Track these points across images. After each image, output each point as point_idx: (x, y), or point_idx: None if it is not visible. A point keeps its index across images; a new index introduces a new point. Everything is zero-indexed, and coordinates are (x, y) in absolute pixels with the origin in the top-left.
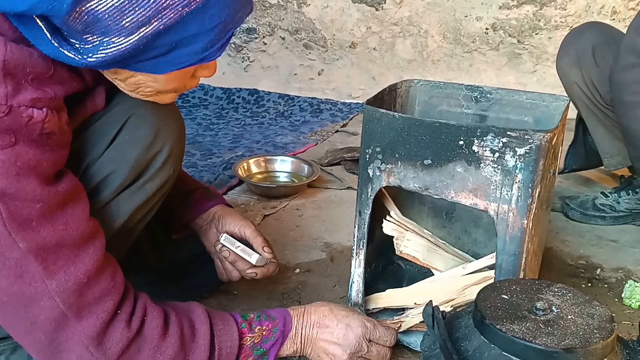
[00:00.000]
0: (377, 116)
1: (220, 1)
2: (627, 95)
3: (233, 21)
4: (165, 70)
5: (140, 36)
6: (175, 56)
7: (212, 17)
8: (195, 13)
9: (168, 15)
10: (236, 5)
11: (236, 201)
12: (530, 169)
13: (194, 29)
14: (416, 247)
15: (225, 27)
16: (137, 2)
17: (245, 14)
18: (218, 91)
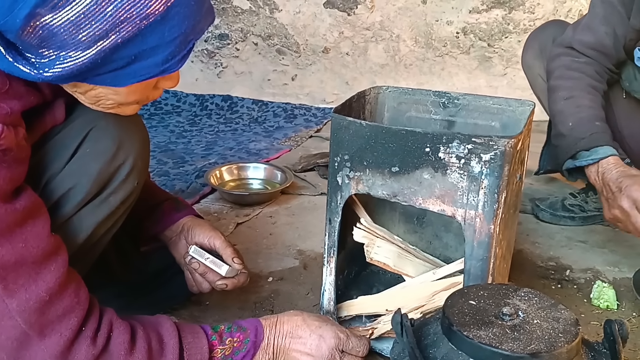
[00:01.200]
0: (344, 124)
1: (179, 13)
2: (551, 80)
3: (194, 32)
4: (126, 83)
5: (97, 50)
6: (135, 69)
7: (171, 29)
8: (154, 26)
9: (126, 28)
10: (196, 17)
11: (209, 209)
12: (496, 175)
13: (154, 41)
14: (387, 253)
15: (186, 39)
16: (94, 16)
17: (207, 24)
18: (191, 98)
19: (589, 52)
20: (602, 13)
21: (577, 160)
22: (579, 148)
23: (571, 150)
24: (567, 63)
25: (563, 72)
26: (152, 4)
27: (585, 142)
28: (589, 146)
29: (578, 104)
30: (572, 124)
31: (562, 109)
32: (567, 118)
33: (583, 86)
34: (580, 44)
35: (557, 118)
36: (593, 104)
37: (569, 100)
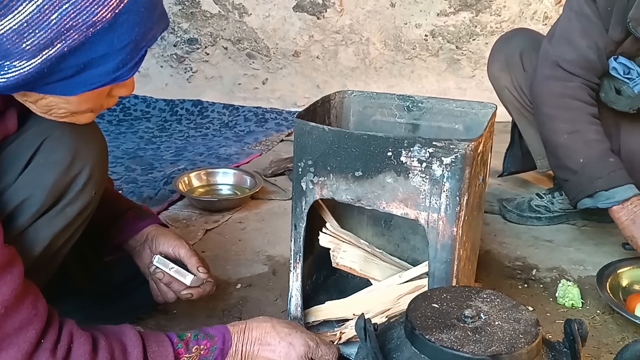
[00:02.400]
0: (307, 130)
1: (128, 20)
2: (545, 107)
3: (145, 39)
4: (76, 92)
5: (43, 59)
6: (85, 77)
7: (121, 36)
8: (102, 33)
9: (72, 37)
10: (147, 23)
11: (178, 216)
12: (457, 178)
13: (103, 49)
14: (353, 258)
15: (137, 46)
16: (37, 25)
17: (160, 30)
18: (161, 103)
19: (576, 70)
20: (580, 27)
21: (597, 201)
22: (598, 188)
23: (588, 190)
24: (560, 90)
25: (559, 102)
26: (98, 11)
27: (602, 182)
28: (608, 186)
29: (586, 139)
30: (584, 161)
31: (568, 143)
32: (576, 154)
33: (585, 117)
34: (566, 62)
35: (561, 151)
36: (599, 136)
37: (574, 135)
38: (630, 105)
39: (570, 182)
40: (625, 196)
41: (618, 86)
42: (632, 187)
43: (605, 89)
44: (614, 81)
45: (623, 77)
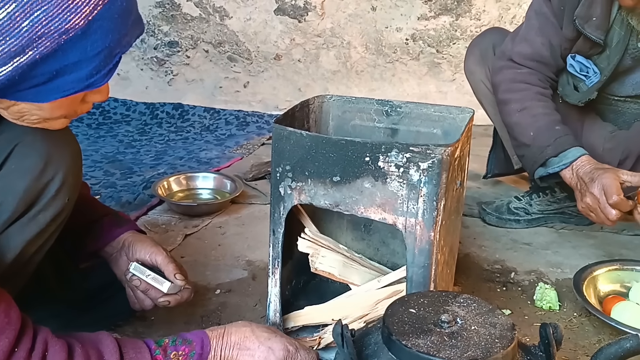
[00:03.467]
0: (285, 135)
1: (102, 27)
2: (499, 93)
3: (119, 45)
4: (49, 99)
5: (14, 66)
6: (58, 84)
7: (94, 43)
8: (75, 40)
9: (44, 44)
10: (121, 30)
11: (157, 221)
12: (434, 183)
13: (75, 56)
14: (331, 263)
15: (111, 53)
16: (8, 32)
17: (134, 36)
18: (141, 106)
19: (529, 63)
20: (537, 25)
21: (549, 167)
22: (547, 156)
23: (540, 159)
24: (511, 76)
25: (510, 86)
26: (71, 18)
27: (551, 149)
28: (556, 152)
29: (533, 113)
30: (534, 134)
31: (519, 120)
32: (526, 129)
33: (532, 95)
34: (520, 56)
35: (515, 130)
36: (547, 110)
37: (523, 112)
38: (580, 98)
39: (526, 157)
40: (572, 158)
41: (576, 83)
42: (579, 148)
43: (563, 83)
44: (573, 78)
45: (579, 74)
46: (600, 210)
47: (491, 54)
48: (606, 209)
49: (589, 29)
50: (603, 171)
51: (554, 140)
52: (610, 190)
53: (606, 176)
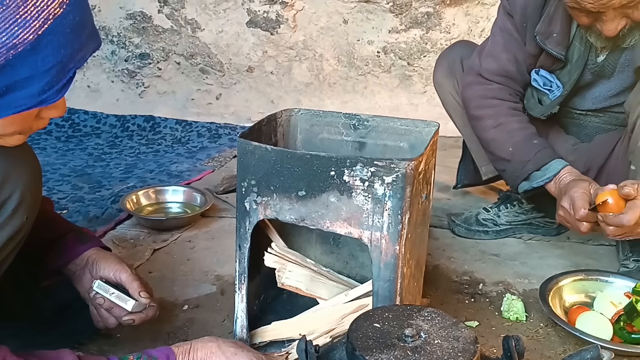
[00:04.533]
0: (250, 149)
1: (53, 42)
2: (471, 110)
3: (73, 60)
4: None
5: None
6: (9, 100)
7: (45, 58)
8: (24, 55)
9: None
10: (75, 44)
11: (125, 236)
12: (399, 196)
13: (26, 71)
14: (298, 277)
15: (64, 68)
16: None
17: (90, 51)
18: (112, 119)
19: (497, 78)
20: (502, 41)
21: (532, 181)
22: (529, 170)
23: (522, 174)
24: (482, 92)
25: (482, 102)
26: (19, 33)
27: (532, 163)
28: (538, 166)
29: (509, 129)
30: (512, 149)
31: (495, 136)
32: (504, 144)
33: (506, 111)
34: (488, 71)
35: (492, 145)
36: (522, 124)
37: (498, 128)
38: (543, 112)
39: (507, 171)
40: (555, 171)
41: (540, 97)
42: (560, 160)
43: (528, 96)
44: (537, 92)
45: (543, 88)
46: (572, 222)
47: (459, 66)
48: (576, 222)
49: (550, 45)
50: (574, 184)
51: (534, 155)
52: (577, 204)
53: (575, 190)
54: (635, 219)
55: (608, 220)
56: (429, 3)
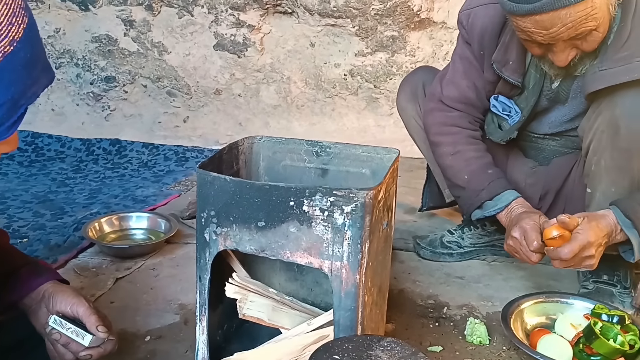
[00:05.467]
0: (209, 180)
1: (3, 79)
2: (431, 136)
3: (24, 97)
4: None
5: None
6: None
7: None
8: None
9: None
10: (26, 81)
11: (87, 265)
12: (358, 226)
13: None
14: (260, 308)
15: (15, 104)
16: None
17: (42, 86)
18: (76, 142)
19: (458, 105)
20: (461, 68)
21: (485, 210)
22: (483, 199)
23: (475, 202)
24: (442, 119)
25: (441, 129)
26: None
27: (485, 192)
28: (490, 196)
29: (465, 157)
30: (467, 177)
31: (452, 163)
32: (460, 172)
33: (464, 139)
34: (448, 98)
35: (449, 172)
36: (478, 153)
37: (456, 155)
38: (502, 137)
39: (462, 198)
40: (506, 202)
41: (500, 122)
42: (512, 191)
43: (488, 122)
44: (497, 117)
45: (502, 114)
46: (523, 253)
47: (421, 92)
48: (527, 253)
49: (507, 72)
50: (526, 215)
51: (487, 184)
52: (530, 236)
53: (527, 221)
54: (573, 251)
55: (550, 253)
56: (394, 27)
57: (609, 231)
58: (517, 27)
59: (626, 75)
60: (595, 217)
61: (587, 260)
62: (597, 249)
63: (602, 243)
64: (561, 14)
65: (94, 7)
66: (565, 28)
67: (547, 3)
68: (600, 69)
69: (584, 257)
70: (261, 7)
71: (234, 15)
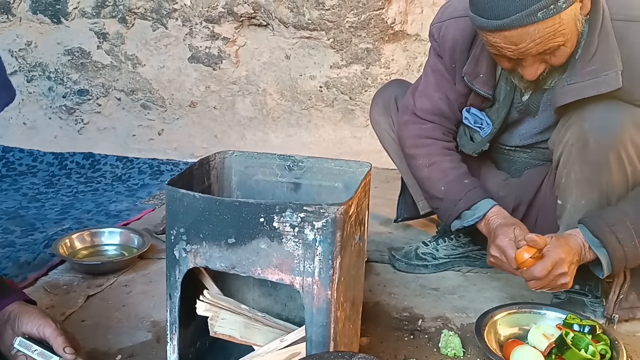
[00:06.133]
0: (178, 197)
1: None
2: (406, 148)
3: None
4: None
5: None
6: None
7: None
8: None
9: None
10: None
11: (58, 282)
12: (329, 241)
13: None
14: (232, 325)
15: None
16: None
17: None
18: (49, 157)
19: (431, 117)
20: (434, 81)
21: (464, 220)
22: (460, 209)
23: (454, 212)
24: (416, 132)
25: (416, 141)
26: None
27: (463, 202)
28: (468, 205)
29: (442, 168)
30: (445, 188)
31: (429, 175)
32: (437, 183)
33: (439, 150)
34: (422, 110)
35: (426, 184)
36: (454, 163)
37: (432, 167)
38: (474, 149)
39: (440, 209)
40: (484, 210)
41: (472, 134)
42: (489, 200)
43: (460, 134)
44: (469, 129)
45: (474, 126)
46: (506, 268)
47: (394, 105)
48: (510, 269)
49: (477, 85)
50: (501, 231)
51: (464, 194)
52: (509, 255)
53: (501, 238)
54: (546, 268)
55: (524, 275)
56: (369, 39)
57: (578, 250)
58: (487, 42)
59: (594, 89)
60: (564, 236)
61: (561, 278)
62: (570, 267)
63: (573, 261)
64: (530, 30)
65: (67, 19)
66: (534, 44)
67: (516, 19)
68: (568, 82)
69: (558, 274)
70: (236, 20)
71: (208, 28)
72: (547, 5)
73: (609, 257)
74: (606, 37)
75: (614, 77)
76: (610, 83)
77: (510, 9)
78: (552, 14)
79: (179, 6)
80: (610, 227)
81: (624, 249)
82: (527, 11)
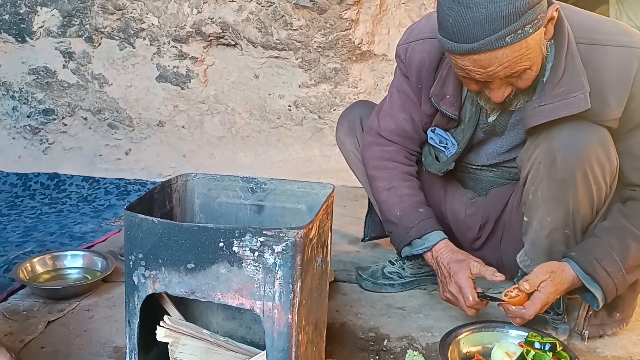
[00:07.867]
0: (136, 222)
1: None
2: (368, 169)
3: None
4: None
5: None
6: None
7: None
8: None
9: None
10: None
11: (18, 308)
12: (289, 265)
13: None
14: (192, 351)
15: None
16: None
17: None
18: (12, 177)
19: (395, 138)
20: (399, 101)
21: (413, 248)
22: (412, 237)
23: (405, 239)
24: (379, 153)
25: (378, 163)
26: None
27: (415, 231)
28: (419, 234)
29: (399, 193)
30: (400, 213)
31: (386, 199)
32: (394, 208)
33: (399, 175)
34: (386, 131)
35: (383, 207)
36: (412, 190)
37: (390, 191)
38: (439, 168)
39: (394, 234)
40: (433, 242)
41: (437, 154)
42: (440, 232)
43: (425, 154)
44: (434, 149)
45: (439, 146)
46: (460, 306)
47: (359, 126)
48: (464, 308)
49: (444, 105)
50: (458, 267)
51: (417, 223)
52: (465, 292)
53: (460, 275)
54: (536, 312)
55: (510, 313)
56: (336, 59)
57: (569, 285)
58: (456, 65)
59: (564, 110)
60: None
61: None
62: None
63: (561, 292)
64: (498, 54)
65: (31, 38)
66: (502, 67)
67: (485, 44)
68: (539, 104)
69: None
70: (204, 40)
71: (176, 48)
72: (515, 30)
73: (602, 290)
74: (572, 60)
75: (582, 98)
76: (580, 104)
77: (479, 34)
78: (520, 38)
79: (147, 25)
80: (599, 263)
81: (614, 281)
82: (495, 36)
